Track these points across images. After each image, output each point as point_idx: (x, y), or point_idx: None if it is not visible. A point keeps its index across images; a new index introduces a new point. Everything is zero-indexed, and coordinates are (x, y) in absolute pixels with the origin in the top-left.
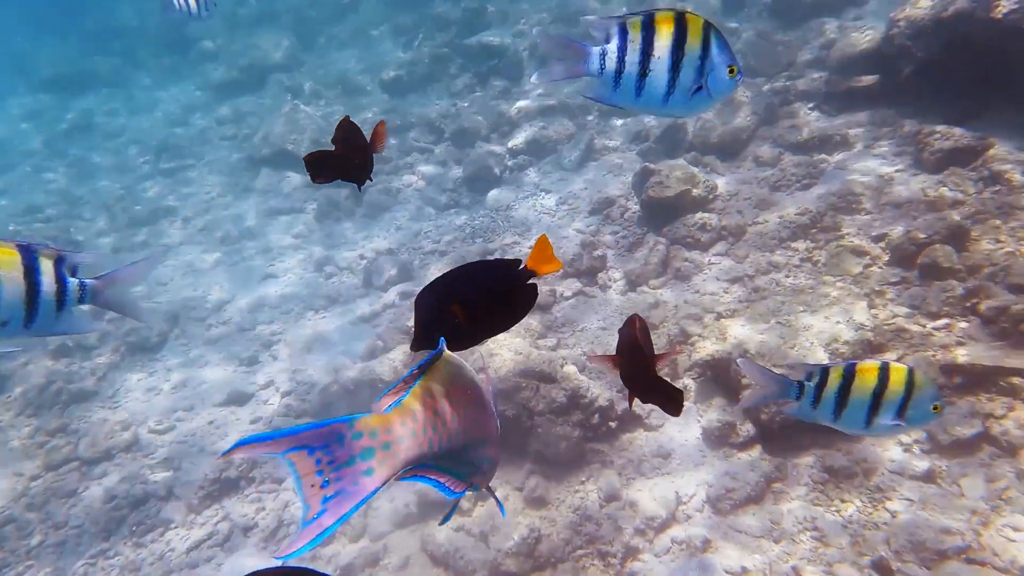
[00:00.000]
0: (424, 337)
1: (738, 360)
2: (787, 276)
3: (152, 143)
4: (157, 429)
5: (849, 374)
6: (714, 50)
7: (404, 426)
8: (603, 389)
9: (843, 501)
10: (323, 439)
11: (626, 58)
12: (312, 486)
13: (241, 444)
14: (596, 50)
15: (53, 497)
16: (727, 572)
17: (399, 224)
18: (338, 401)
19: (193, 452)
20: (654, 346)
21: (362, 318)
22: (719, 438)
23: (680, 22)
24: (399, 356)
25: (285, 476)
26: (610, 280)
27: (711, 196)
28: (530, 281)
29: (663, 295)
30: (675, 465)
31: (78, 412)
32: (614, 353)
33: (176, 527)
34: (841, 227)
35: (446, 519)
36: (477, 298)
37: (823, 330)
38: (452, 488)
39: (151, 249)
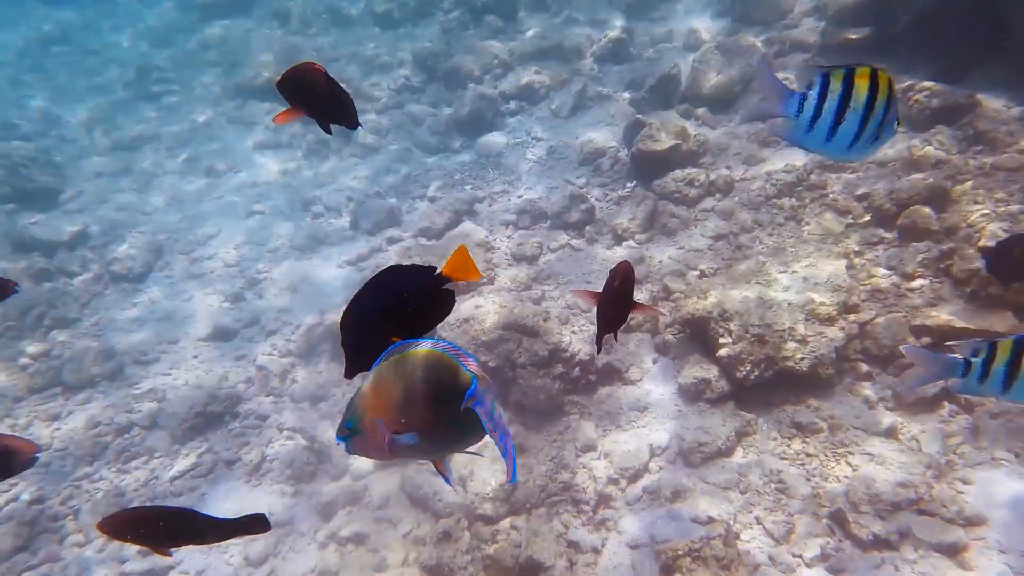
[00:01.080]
0: (356, 362)
1: (902, 348)
2: (770, 234)
3: (133, 64)
4: (142, 360)
5: (1019, 348)
6: (894, 106)
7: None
8: (584, 344)
9: (808, 455)
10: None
11: (824, 105)
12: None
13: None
14: (797, 95)
15: (37, 420)
16: (694, 520)
17: (388, 166)
18: (322, 343)
19: (177, 384)
20: (636, 299)
21: (348, 261)
22: (694, 394)
23: (874, 78)
24: None
25: (268, 413)
26: (597, 234)
27: (701, 151)
28: (446, 287)
29: (649, 250)
30: (650, 418)
31: (60, 338)
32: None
33: (160, 456)
34: (827, 185)
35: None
36: (399, 310)
37: (802, 291)
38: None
39: (135, 176)
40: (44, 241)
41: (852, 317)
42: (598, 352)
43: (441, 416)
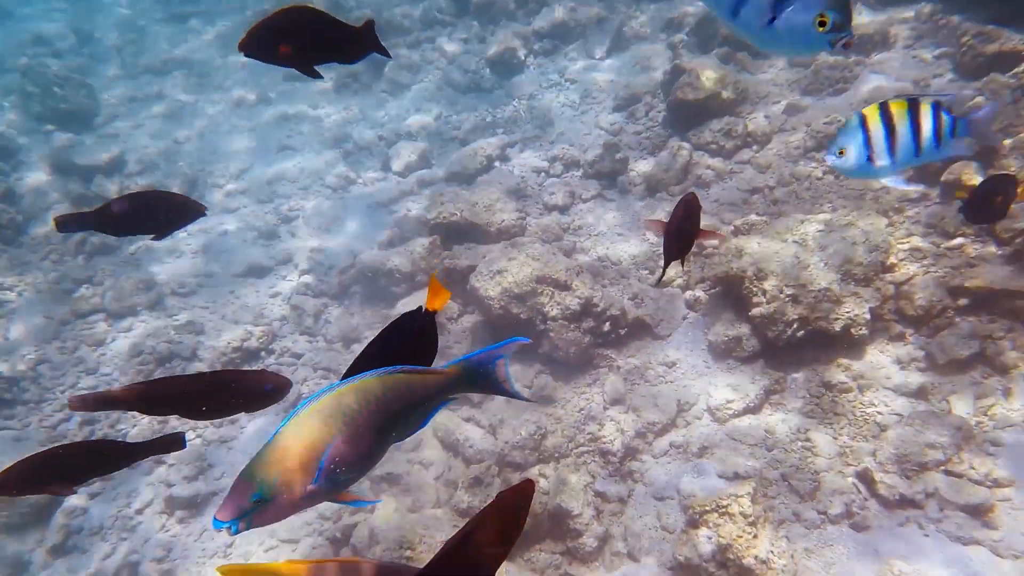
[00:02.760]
0: None
1: None
2: (807, 189)
3: None
4: (180, 292)
5: None
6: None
7: None
8: (616, 297)
9: (836, 414)
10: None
11: None
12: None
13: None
14: None
15: (83, 344)
16: (720, 476)
17: (419, 105)
18: (354, 284)
19: (215, 318)
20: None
21: (380, 203)
22: (724, 351)
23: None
24: (417, 248)
25: (302, 352)
26: (630, 184)
27: (740, 99)
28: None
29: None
30: (679, 374)
31: (102, 264)
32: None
33: None
34: None
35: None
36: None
37: (839, 250)
38: None
39: (167, 102)
40: (81, 165)
41: (888, 277)
42: (658, 282)
43: (384, 436)
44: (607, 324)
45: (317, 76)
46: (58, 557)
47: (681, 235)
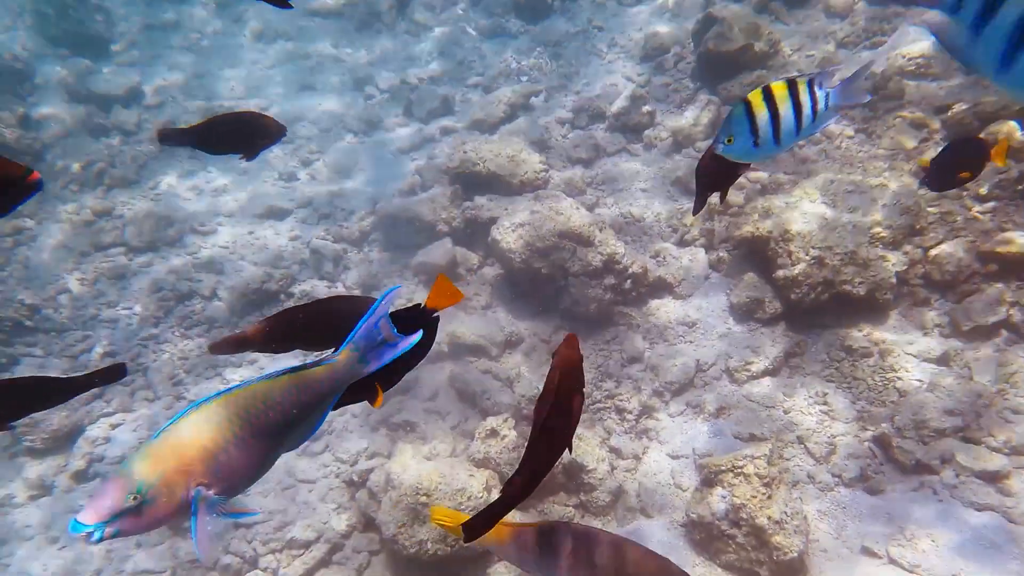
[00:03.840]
0: (347, 399)
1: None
2: (838, 147)
3: None
4: (200, 230)
5: None
6: None
7: None
8: (638, 255)
9: (855, 379)
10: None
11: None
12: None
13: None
14: None
15: (103, 276)
16: (736, 437)
17: (442, 49)
18: (374, 231)
19: (233, 259)
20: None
21: (401, 150)
22: (746, 312)
23: None
24: (439, 197)
25: (322, 294)
26: (656, 139)
27: (773, 51)
28: (434, 315)
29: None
30: (698, 334)
31: (121, 198)
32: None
33: (220, 327)
34: (904, 94)
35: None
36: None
37: (867, 212)
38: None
39: (184, 33)
40: (98, 94)
41: (917, 241)
42: (695, 212)
43: (280, 438)
44: (628, 282)
45: (286, 6)
46: (80, 483)
47: (717, 168)
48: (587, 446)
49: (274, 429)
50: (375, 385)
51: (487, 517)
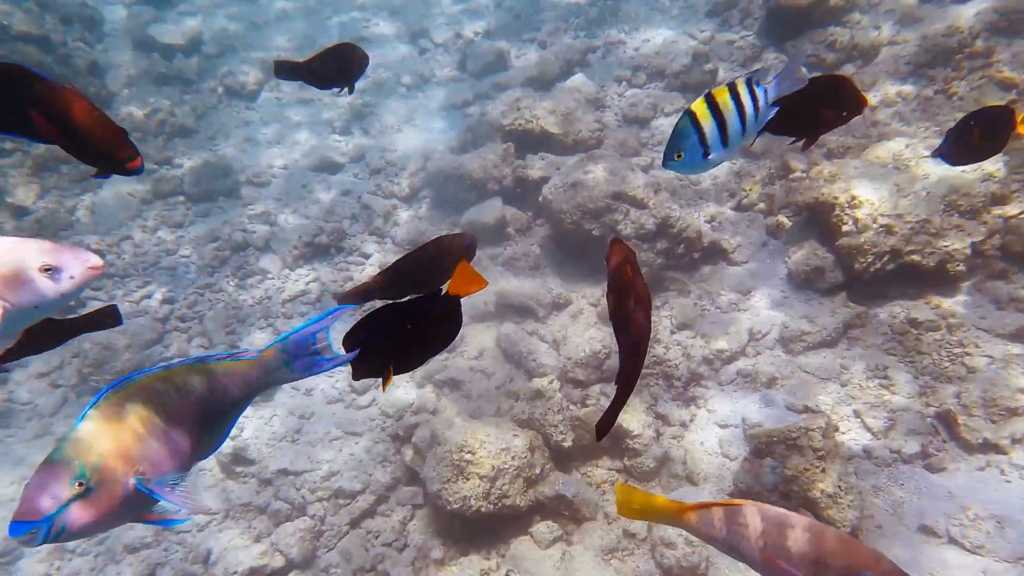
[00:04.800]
0: (361, 374)
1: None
2: (914, 111)
3: None
4: (255, 181)
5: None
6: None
7: None
8: (692, 219)
9: (920, 353)
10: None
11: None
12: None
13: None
14: None
15: (163, 225)
16: (789, 408)
17: (499, 2)
18: (424, 187)
19: (287, 211)
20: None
21: (453, 105)
22: (804, 281)
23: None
24: (490, 155)
25: (371, 252)
26: None
27: (848, 5)
28: (456, 299)
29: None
30: (753, 302)
31: (181, 147)
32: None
33: (272, 278)
34: (994, 52)
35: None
36: (404, 344)
37: (944, 178)
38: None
39: None
40: (161, 44)
41: (997, 210)
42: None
43: (208, 425)
44: (681, 246)
45: None
46: None
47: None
48: (633, 411)
49: (200, 417)
50: (387, 366)
51: (610, 415)
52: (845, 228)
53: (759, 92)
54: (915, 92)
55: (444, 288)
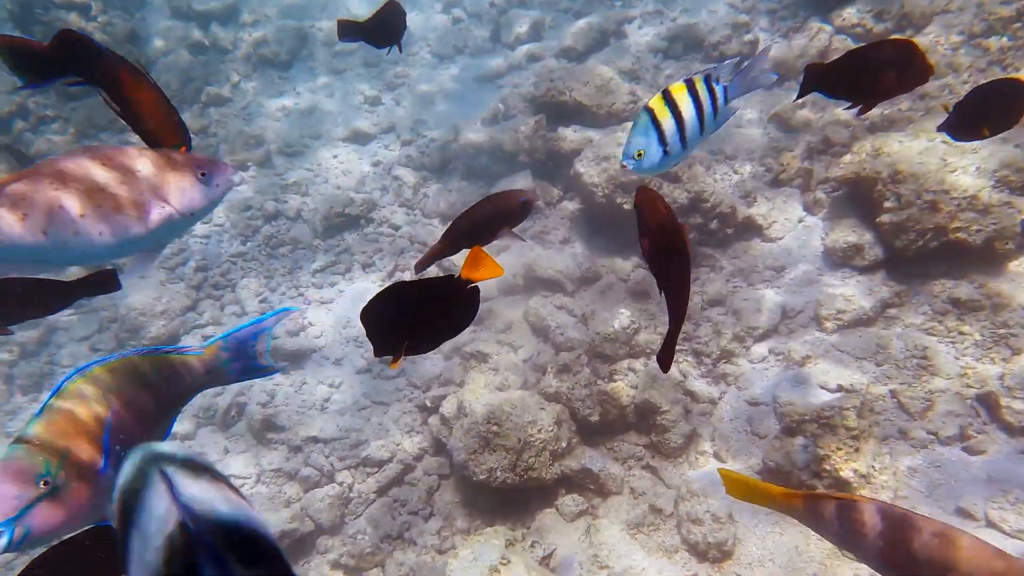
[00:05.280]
0: (380, 349)
1: None
2: (965, 83)
3: None
4: (287, 151)
5: None
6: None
7: None
8: (727, 194)
9: (961, 333)
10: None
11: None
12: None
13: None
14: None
15: None
16: (822, 387)
17: None
18: (455, 160)
19: (318, 182)
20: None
21: (486, 76)
22: (841, 259)
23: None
24: (521, 127)
25: (400, 224)
26: None
27: None
28: (472, 287)
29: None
30: (787, 280)
31: (215, 116)
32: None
33: (304, 248)
34: None
35: None
36: (418, 324)
37: (995, 152)
38: None
39: None
40: (198, 11)
41: None
42: (798, 98)
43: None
44: (715, 222)
45: None
46: None
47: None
48: (661, 387)
49: (154, 407)
50: (402, 343)
51: (668, 348)
52: (887, 204)
53: (718, 89)
54: (968, 63)
55: (457, 274)
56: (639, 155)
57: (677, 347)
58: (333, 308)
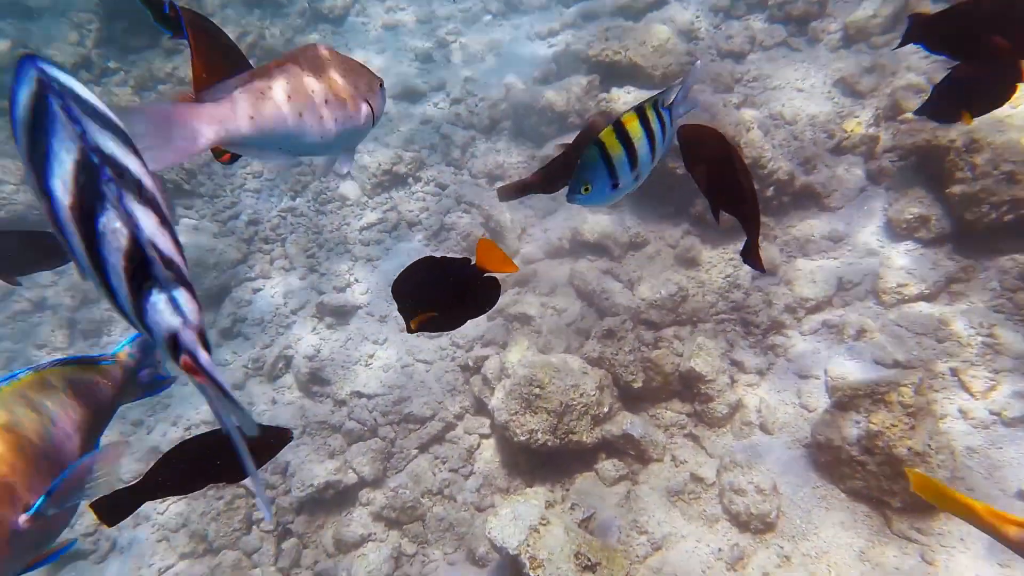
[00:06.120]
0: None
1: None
2: None
3: None
4: None
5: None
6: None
7: None
8: (785, 161)
9: None
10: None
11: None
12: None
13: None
14: None
15: None
16: (877, 362)
17: None
18: (504, 119)
19: (368, 139)
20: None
21: (539, 35)
22: (905, 231)
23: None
24: (574, 87)
25: (447, 183)
26: (823, 31)
27: None
28: (489, 276)
29: (884, 57)
30: (845, 251)
31: None
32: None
33: (351, 204)
34: None
35: None
36: (440, 302)
37: None
38: None
39: None
40: None
41: None
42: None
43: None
44: (771, 189)
45: None
46: (226, 340)
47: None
48: (707, 356)
49: (83, 424)
50: (422, 311)
51: (752, 249)
52: (959, 175)
53: (665, 114)
54: None
55: (473, 259)
56: (586, 190)
57: (726, 317)
58: (379, 266)
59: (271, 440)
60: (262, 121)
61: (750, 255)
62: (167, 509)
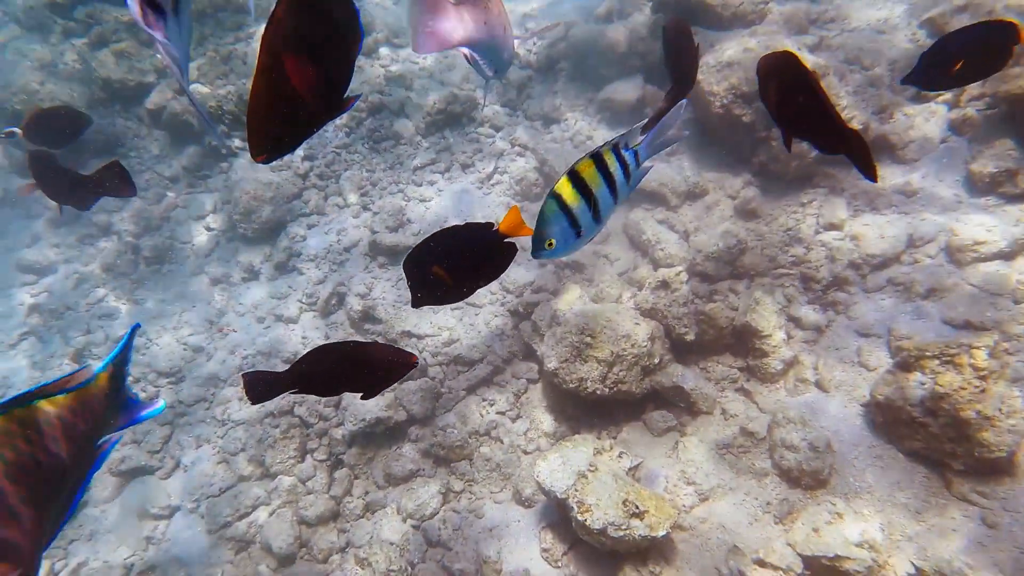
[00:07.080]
0: (418, 298)
1: None
2: None
3: None
4: (394, 41)
5: None
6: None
7: None
8: (860, 109)
9: None
10: None
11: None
12: None
13: None
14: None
15: None
16: (946, 323)
17: None
18: (563, 59)
19: (423, 76)
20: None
21: None
22: (988, 185)
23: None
24: (637, 25)
25: (502, 125)
26: None
27: None
28: (508, 240)
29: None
30: (918, 205)
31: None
32: None
33: (405, 144)
34: None
35: None
36: (458, 261)
37: None
38: None
39: None
40: None
41: None
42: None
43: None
44: None
45: None
46: (281, 273)
47: None
48: (763, 310)
49: (38, 486)
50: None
51: (865, 159)
52: None
53: (628, 156)
54: None
55: (495, 224)
56: (550, 244)
57: (785, 272)
58: (431, 206)
59: (399, 360)
60: (489, 29)
61: (862, 165)
62: (226, 434)
